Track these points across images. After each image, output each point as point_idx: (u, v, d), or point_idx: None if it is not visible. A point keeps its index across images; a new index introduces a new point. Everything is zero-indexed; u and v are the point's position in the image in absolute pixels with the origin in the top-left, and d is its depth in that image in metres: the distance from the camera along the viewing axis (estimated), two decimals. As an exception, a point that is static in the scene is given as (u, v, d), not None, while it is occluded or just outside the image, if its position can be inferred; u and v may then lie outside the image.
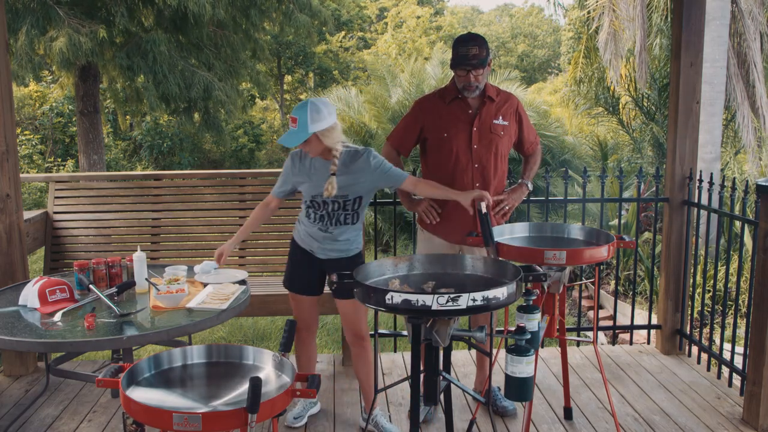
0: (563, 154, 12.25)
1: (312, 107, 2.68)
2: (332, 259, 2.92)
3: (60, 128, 16.00)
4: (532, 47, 36.64)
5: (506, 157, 3.16)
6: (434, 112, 3.12)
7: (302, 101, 2.74)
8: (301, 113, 2.68)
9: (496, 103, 3.07)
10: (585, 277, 5.85)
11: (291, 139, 2.70)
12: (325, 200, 2.84)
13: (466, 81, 2.97)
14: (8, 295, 2.88)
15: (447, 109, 3.09)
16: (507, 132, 3.09)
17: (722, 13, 8.29)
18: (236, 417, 1.66)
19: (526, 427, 2.74)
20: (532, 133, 3.24)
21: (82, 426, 3.17)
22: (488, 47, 2.98)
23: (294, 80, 25.66)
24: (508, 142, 3.13)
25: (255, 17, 10.26)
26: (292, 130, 2.71)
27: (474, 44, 2.93)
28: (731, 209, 3.63)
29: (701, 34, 3.86)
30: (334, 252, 2.92)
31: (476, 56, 2.91)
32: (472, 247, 3.09)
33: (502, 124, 3.07)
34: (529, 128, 3.23)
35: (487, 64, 2.98)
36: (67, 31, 8.17)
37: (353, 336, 3.02)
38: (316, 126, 2.67)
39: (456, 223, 3.08)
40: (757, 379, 3.11)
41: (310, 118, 2.66)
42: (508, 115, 3.10)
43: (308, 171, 2.87)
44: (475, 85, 2.98)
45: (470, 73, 2.94)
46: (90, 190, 4.21)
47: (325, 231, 2.89)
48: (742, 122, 9.48)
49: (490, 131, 3.05)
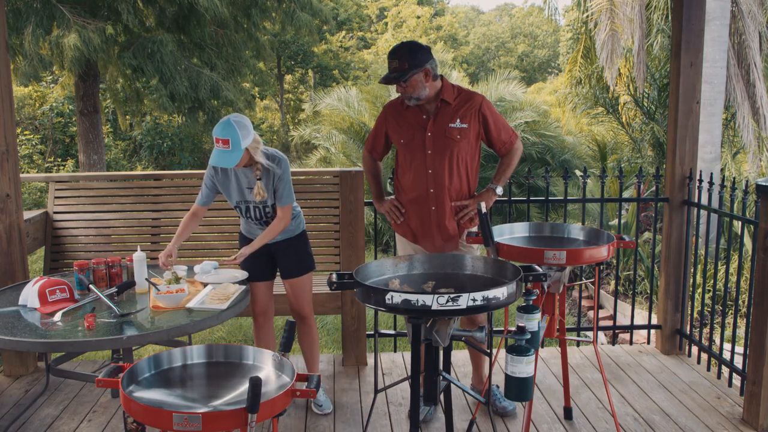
0: (563, 154, 12.26)
1: (238, 125, 2.79)
2: (278, 241, 3.12)
3: (60, 128, 16.00)
4: (532, 47, 36.65)
5: (470, 160, 3.05)
6: (395, 117, 3.12)
7: (222, 121, 2.82)
8: (230, 133, 2.77)
9: (453, 106, 2.99)
10: (585, 277, 5.85)
11: (229, 160, 2.80)
12: (247, 206, 3.03)
13: (401, 92, 2.97)
14: (8, 295, 2.88)
15: (404, 114, 3.08)
16: (465, 135, 2.97)
17: (722, 13, 8.29)
18: (236, 417, 1.66)
19: (526, 427, 2.74)
20: (504, 132, 3.07)
21: (82, 426, 3.17)
22: (417, 56, 2.87)
23: (294, 79, 25.67)
24: (468, 145, 3.00)
25: (256, 16, 10.27)
26: (225, 150, 2.78)
27: (394, 57, 2.90)
28: (731, 209, 3.63)
29: (701, 34, 3.86)
30: (278, 235, 3.08)
31: (396, 69, 2.89)
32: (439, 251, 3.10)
33: (460, 127, 2.97)
34: (499, 127, 3.05)
35: (417, 72, 2.86)
36: (76, 28, 8.18)
37: (296, 315, 3.24)
38: (246, 141, 2.81)
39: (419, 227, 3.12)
40: (757, 379, 3.11)
41: (241, 135, 2.78)
42: (468, 116, 2.98)
43: (230, 180, 3.02)
44: (409, 95, 2.95)
45: (399, 85, 2.93)
46: (90, 190, 4.21)
47: (261, 226, 3.09)
48: (742, 122, 9.48)
49: (445, 135, 2.98)
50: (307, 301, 3.23)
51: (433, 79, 2.95)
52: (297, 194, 3.20)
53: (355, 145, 12.02)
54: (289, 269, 3.16)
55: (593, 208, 8.60)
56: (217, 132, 2.78)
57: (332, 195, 4.03)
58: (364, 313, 3.92)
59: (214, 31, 10.24)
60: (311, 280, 3.23)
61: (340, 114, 12.73)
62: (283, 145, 21.24)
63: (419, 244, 3.18)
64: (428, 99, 2.98)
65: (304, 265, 3.18)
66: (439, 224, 3.06)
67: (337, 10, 25.00)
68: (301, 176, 4.54)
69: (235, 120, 2.80)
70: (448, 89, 3.01)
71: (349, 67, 25.49)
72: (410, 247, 3.24)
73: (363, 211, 3.86)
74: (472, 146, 3.04)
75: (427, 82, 2.92)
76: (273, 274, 3.22)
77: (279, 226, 3.00)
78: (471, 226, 3.11)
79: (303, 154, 16.97)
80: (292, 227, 3.13)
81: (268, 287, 3.23)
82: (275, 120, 24.10)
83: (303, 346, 3.33)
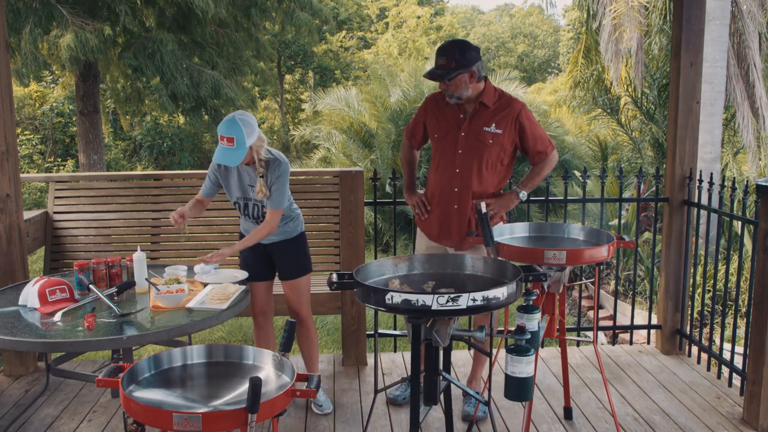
0: (563, 154, 12.26)
1: (243, 123, 2.78)
2: (275, 242, 3.11)
3: (60, 128, 16.00)
4: (532, 47, 36.64)
5: (499, 165, 3.05)
6: (434, 111, 3.14)
7: (227, 119, 2.80)
8: (235, 131, 2.76)
9: (492, 110, 3.00)
10: (585, 277, 5.85)
11: (232, 158, 2.79)
12: (246, 203, 3.02)
13: (443, 89, 2.99)
14: (8, 295, 2.88)
15: (444, 110, 3.10)
16: (498, 140, 2.98)
17: (722, 13, 8.29)
18: (236, 417, 1.66)
19: (526, 427, 2.74)
20: (540, 143, 3.05)
21: (82, 426, 3.17)
22: (466, 56, 2.88)
23: (294, 80, 25.67)
24: (500, 150, 3.00)
25: (256, 16, 10.28)
26: (228, 148, 2.77)
27: (443, 54, 2.92)
28: (731, 209, 3.63)
29: (701, 34, 3.86)
30: (276, 236, 3.09)
31: (442, 66, 2.90)
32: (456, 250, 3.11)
33: (494, 132, 2.97)
34: (536, 137, 3.04)
35: (462, 73, 2.88)
36: (73, 29, 8.19)
37: (294, 316, 3.22)
38: (251, 139, 2.80)
39: (440, 224, 3.12)
40: (757, 379, 3.11)
41: (245, 133, 2.77)
42: (504, 123, 2.98)
43: (232, 176, 3.02)
44: (450, 93, 2.96)
45: (442, 82, 2.94)
46: (90, 190, 4.21)
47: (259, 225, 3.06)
48: (742, 122, 9.48)
49: (478, 138, 2.99)
50: (305, 302, 3.23)
51: (477, 81, 2.97)
52: (297, 194, 3.20)
53: (355, 145, 12.02)
54: (287, 271, 3.16)
55: (593, 208, 8.60)
56: (222, 129, 2.77)
57: (332, 195, 4.03)
58: (364, 313, 3.92)
59: (215, 30, 10.25)
60: (309, 282, 3.23)
61: (341, 114, 12.73)
62: (283, 145, 21.24)
63: (439, 242, 3.17)
64: (469, 99, 3.00)
65: (302, 267, 3.17)
66: (459, 223, 3.07)
67: (337, 9, 24.99)
68: (301, 176, 4.54)
69: (240, 118, 2.79)
70: (489, 92, 3.01)
71: (350, 67, 25.48)
72: (428, 244, 3.22)
73: (363, 211, 3.86)
74: (505, 152, 3.03)
75: (471, 83, 2.94)
76: (272, 274, 3.23)
77: (264, 230, 2.96)
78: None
79: (303, 154, 16.97)
80: (290, 229, 3.13)
81: (268, 287, 3.23)
82: (275, 120, 24.09)
83: (302, 348, 3.33)
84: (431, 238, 3.20)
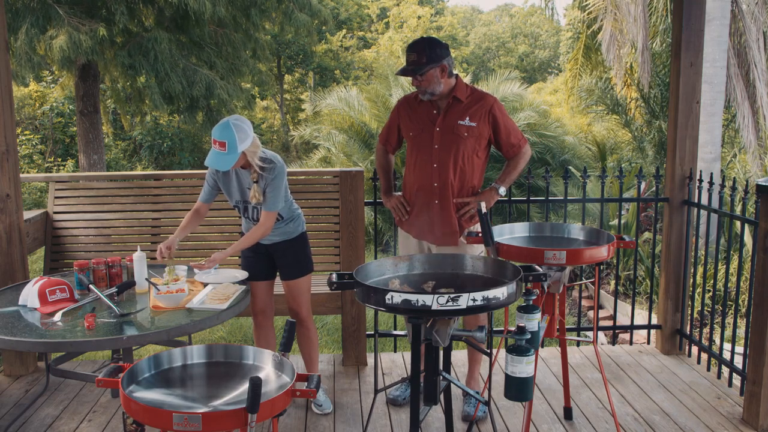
0: (563, 153, 12.27)
1: (236, 128, 2.77)
2: (276, 243, 3.12)
3: (60, 128, 16.00)
4: (533, 47, 36.64)
5: (476, 158, 3.07)
6: (407, 111, 3.18)
7: (221, 123, 2.80)
8: (228, 135, 2.75)
9: (465, 104, 3.04)
10: (585, 277, 5.85)
11: (224, 163, 2.78)
12: (246, 206, 3.03)
13: (416, 85, 3.01)
14: (8, 295, 2.88)
15: (416, 109, 3.14)
16: (472, 133, 3.01)
17: (722, 13, 8.29)
18: (236, 417, 1.66)
19: (526, 427, 2.74)
20: (513, 136, 3.09)
21: (82, 426, 3.17)
22: (436, 51, 2.91)
23: (294, 80, 25.67)
24: (475, 143, 3.03)
25: (255, 16, 10.27)
26: (221, 153, 2.77)
27: (413, 51, 2.95)
28: (731, 209, 3.63)
29: (701, 34, 3.86)
30: (276, 237, 3.10)
31: (413, 62, 2.93)
32: (441, 246, 3.13)
33: (468, 125, 3.01)
34: (509, 131, 3.08)
35: (434, 67, 2.91)
36: (67, 30, 8.18)
37: (294, 316, 3.22)
38: (243, 145, 2.79)
39: (422, 221, 3.13)
40: (757, 379, 3.11)
41: (238, 138, 2.76)
42: (478, 116, 3.02)
43: (231, 179, 3.02)
44: (423, 89, 2.99)
45: (415, 78, 2.97)
46: (90, 190, 4.21)
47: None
48: (742, 122, 9.48)
49: (453, 132, 3.02)
50: (305, 302, 3.23)
51: (449, 76, 3.01)
52: (297, 194, 3.19)
53: (355, 144, 12.02)
54: (288, 271, 3.16)
55: (593, 208, 8.60)
56: (215, 133, 2.77)
57: (332, 195, 4.03)
58: (364, 313, 3.92)
59: (214, 30, 10.24)
60: (309, 282, 3.23)
61: (341, 114, 12.74)
62: (283, 145, 21.26)
63: (422, 239, 3.19)
64: (441, 95, 3.03)
65: (303, 267, 3.17)
66: (441, 218, 3.08)
67: (337, 9, 24.99)
68: (301, 176, 4.55)
69: (234, 122, 2.79)
70: (461, 87, 3.06)
71: (350, 67, 25.48)
72: (411, 243, 3.25)
73: (363, 211, 3.86)
74: (480, 145, 3.07)
75: (442, 78, 2.97)
76: (273, 273, 3.23)
77: (258, 232, 2.95)
78: (471, 224, 3.12)
79: (303, 154, 16.98)
80: (291, 229, 3.13)
81: (268, 287, 3.23)
82: (275, 120, 24.10)
83: (301, 348, 3.33)
84: (413, 236, 3.22)
